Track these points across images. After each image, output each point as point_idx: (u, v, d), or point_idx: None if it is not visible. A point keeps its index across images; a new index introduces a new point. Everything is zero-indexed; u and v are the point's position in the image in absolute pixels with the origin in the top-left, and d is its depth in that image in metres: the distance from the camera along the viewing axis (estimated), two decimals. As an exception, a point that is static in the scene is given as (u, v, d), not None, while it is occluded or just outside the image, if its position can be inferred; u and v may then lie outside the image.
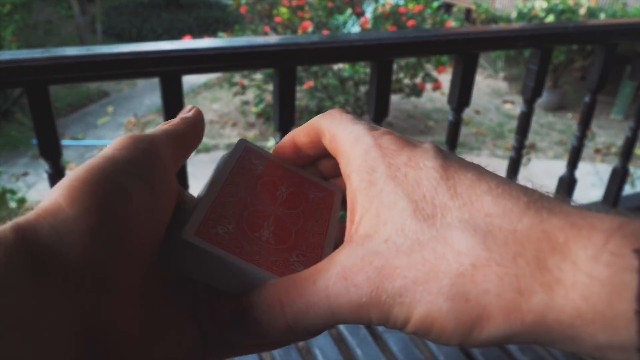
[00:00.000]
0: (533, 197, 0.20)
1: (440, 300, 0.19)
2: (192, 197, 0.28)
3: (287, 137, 0.30)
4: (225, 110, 5.28)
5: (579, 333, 0.18)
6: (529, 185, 0.22)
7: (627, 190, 2.84)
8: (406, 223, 0.21)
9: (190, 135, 0.27)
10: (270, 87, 4.55)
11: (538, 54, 1.33)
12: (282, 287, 0.23)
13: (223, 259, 0.23)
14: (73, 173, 0.21)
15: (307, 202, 0.29)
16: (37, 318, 0.17)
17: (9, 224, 0.18)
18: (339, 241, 0.26)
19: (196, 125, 0.27)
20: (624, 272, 0.17)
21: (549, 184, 0.24)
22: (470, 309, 0.19)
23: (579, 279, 0.17)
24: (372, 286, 0.21)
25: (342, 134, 0.25)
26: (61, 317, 0.18)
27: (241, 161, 0.28)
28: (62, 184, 0.20)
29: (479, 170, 0.22)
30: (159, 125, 0.26)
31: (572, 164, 1.63)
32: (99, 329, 0.19)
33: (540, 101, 4.48)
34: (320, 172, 0.31)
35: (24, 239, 0.18)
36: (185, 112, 0.28)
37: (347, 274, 0.21)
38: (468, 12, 7.69)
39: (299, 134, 0.29)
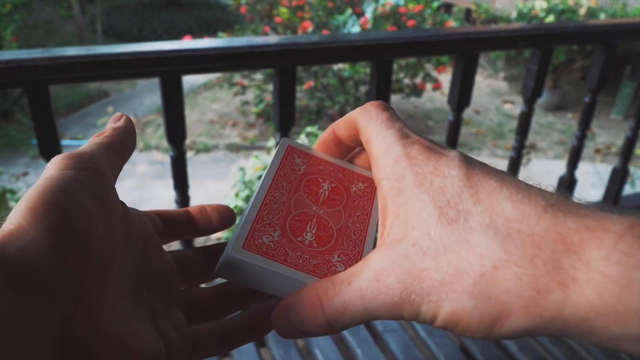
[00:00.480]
0: (551, 200, 0.22)
1: (464, 298, 0.21)
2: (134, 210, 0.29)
3: (329, 131, 0.31)
4: (225, 110, 5.28)
5: (593, 326, 0.19)
6: (549, 189, 0.23)
7: (627, 190, 2.83)
8: (432, 228, 0.23)
9: (125, 144, 0.28)
10: (270, 87, 4.55)
11: (538, 54, 1.33)
12: (321, 288, 0.25)
13: (269, 269, 0.25)
14: (28, 195, 0.22)
15: (349, 197, 0.30)
16: (13, 328, 0.18)
17: None
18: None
19: (128, 133, 0.28)
20: (633, 270, 0.18)
21: (548, 184, 0.25)
22: (492, 307, 0.21)
23: (593, 277, 0.19)
24: (401, 287, 0.23)
25: (375, 140, 0.27)
26: (37, 327, 0.19)
27: (284, 162, 0.30)
28: (21, 207, 0.21)
29: (502, 177, 0.23)
30: (92, 138, 0.27)
31: (572, 164, 1.63)
32: (78, 332, 0.20)
33: (540, 101, 4.48)
34: (357, 164, 0.33)
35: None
36: (116, 121, 0.29)
37: (379, 276, 0.23)
38: (468, 12, 7.69)
39: (340, 127, 0.30)
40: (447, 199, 0.23)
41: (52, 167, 0.23)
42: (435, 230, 0.23)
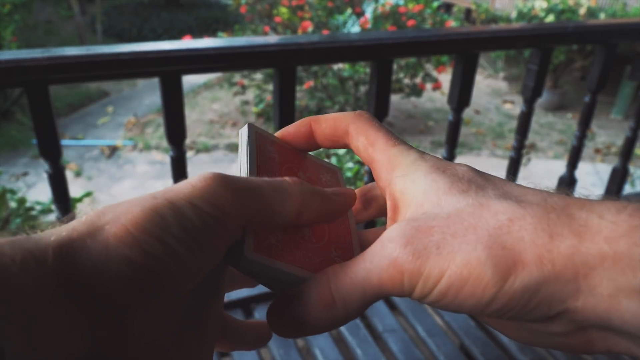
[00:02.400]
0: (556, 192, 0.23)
1: (478, 248, 0.21)
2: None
3: (303, 124, 0.30)
4: (225, 110, 5.28)
5: (600, 278, 0.19)
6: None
7: (627, 190, 2.83)
8: (442, 198, 0.23)
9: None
10: (270, 87, 4.54)
11: (538, 54, 1.33)
12: (331, 269, 0.24)
13: (282, 270, 0.25)
14: (139, 209, 0.20)
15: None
16: (53, 331, 0.17)
17: (51, 240, 0.19)
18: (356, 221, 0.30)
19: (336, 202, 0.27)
20: None
21: (549, 184, 0.26)
22: (506, 256, 0.20)
23: (604, 226, 0.20)
24: (406, 240, 0.22)
25: (384, 146, 0.27)
26: (73, 335, 0.18)
27: (259, 149, 0.29)
28: (131, 213, 0.20)
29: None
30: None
31: (572, 164, 1.63)
32: (109, 349, 0.19)
33: (540, 101, 4.47)
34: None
35: (63, 262, 0.18)
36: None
37: (384, 238, 0.23)
38: (468, 12, 7.69)
39: (321, 125, 0.30)
40: (459, 177, 0.24)
41: (189, 187, 0.22)
42: (446, 200, 0.23)
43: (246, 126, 0.29)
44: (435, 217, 0.22)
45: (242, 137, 0.29)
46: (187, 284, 0.21)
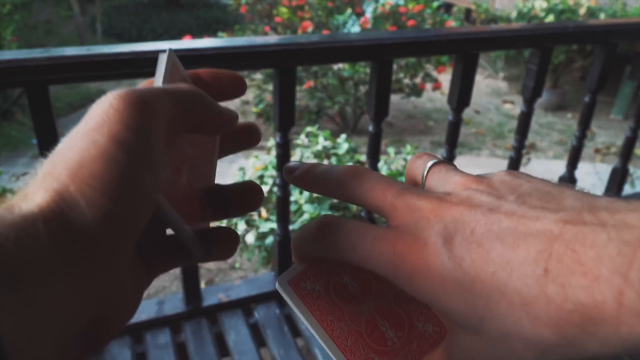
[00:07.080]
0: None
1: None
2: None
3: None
4: (225, 110, 5.29)
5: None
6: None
7: (627, 190, 2.84)
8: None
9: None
10: (270, 87, 4.54)
11: (538, 54, 1.33)
12: None
13: (302, 318, 0.25)
14: (89, 160, 0.21)
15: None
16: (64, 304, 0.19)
17: (35, 213, 0.20)
18: None
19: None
20: None
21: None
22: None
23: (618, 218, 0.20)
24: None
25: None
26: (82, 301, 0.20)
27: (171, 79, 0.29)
28: (90, 180, 0.21)
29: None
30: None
31: (572, 164, 1.63)
32: (105, 302, 0.21)
33: (540, 101, 4.47)
34: None
35: (55, 234, 0.19)
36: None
37: None
38: (468, 12, 7.68)
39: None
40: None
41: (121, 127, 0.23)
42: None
43: (167, 51, 0.28)
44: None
45: (161, 61, 0.28)
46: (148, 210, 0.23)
